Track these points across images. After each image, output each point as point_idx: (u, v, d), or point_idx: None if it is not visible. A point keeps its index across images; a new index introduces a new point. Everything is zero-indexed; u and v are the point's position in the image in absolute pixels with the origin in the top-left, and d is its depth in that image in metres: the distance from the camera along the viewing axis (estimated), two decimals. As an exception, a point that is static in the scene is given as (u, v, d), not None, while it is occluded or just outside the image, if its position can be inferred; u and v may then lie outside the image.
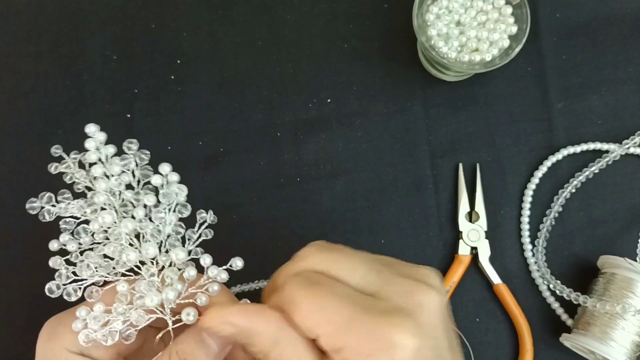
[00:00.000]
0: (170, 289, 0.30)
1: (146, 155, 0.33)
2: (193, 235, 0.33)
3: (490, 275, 0.49)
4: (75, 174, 0.32)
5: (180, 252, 0.31)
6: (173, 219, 0.32)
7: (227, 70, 0.52)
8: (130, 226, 0.31)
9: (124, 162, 0.32)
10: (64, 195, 0.32)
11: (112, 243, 0.31)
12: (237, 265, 0.32)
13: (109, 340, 0.30)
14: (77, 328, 0.30)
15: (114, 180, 0.31)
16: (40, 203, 0.32)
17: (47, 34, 0.53)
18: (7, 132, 0.51)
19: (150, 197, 0.32)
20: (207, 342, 0.30)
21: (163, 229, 0.32)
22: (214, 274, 0.31)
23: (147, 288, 0.30)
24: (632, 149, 0.49)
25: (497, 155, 0.51)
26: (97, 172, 0.31)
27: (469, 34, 0.46)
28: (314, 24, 0.53)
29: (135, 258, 0.30)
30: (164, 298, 0.30)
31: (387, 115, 0.51)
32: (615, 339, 0.43)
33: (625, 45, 0.52)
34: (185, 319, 0.30)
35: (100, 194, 0.31)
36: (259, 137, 0.51)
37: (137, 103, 0.52)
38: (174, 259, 0.31)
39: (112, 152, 0.32)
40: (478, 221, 0.49)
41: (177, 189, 0.32)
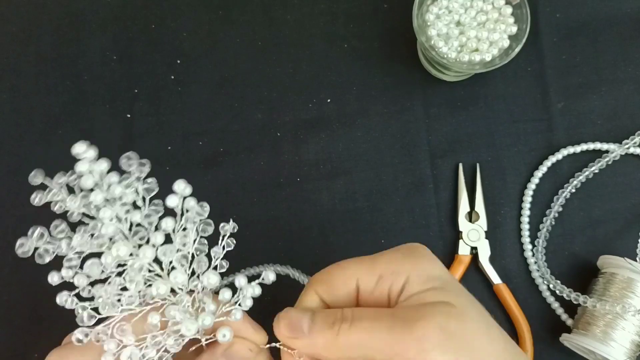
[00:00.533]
0: (207, 314, 0.29)
1: (147, 166, 0.29)
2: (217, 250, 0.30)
3: (490, 275, 0.49)
4: (68, 202, 0.28)
5: (213, 277, 0.29)
6: (195, 238, 0.30)
7: (227, 70, 0.52)
8: (151, 254, 0.28)
9: (126, 182, 0.28)
10: (59, 228, 0.27)
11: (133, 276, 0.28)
12: (269, 278, 0.30)
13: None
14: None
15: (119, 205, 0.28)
16: (33, 242, 0.27)
17: (47, 34, 0.53)
18: (7, 132, 0.51)
19: (169, 221, 0.29)
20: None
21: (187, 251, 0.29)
22: (249, 293, 0.30)
23: (181, 316, 0.28)
24: (632, 149, 0.49)
25: (497, 155, 0.51)
26: (97, 200, 0.27)
27: (469, 34, 0.46)
28: (314, 24, 0.53)
29: (167, 290, 0.28)
30: (201, 325, 0.29)
31: (387, 115, 0.51)
32: (615, 339, 0.43)
33: (625, 45, 0.52)
34: (220, 340, 0.29)
35: (107, 225, 0.27)
36: (259, 137, 0.51)
37: (137, 103, 0.52)
38: (206, 284, 0.29)
39: (106, 167, 0.28)
40: (478, 221, 0.49)
41: (200, 208, 0.30)
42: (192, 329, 0.28)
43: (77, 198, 0.27)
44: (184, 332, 0.28)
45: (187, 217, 0.29)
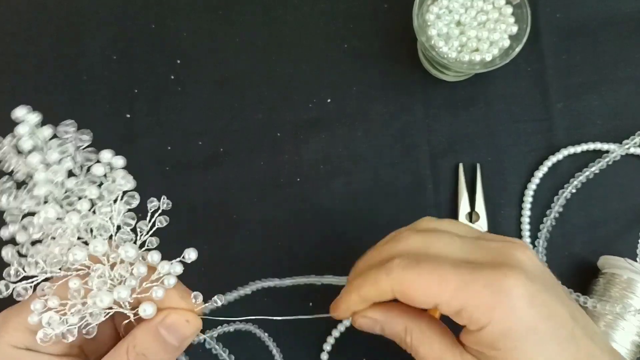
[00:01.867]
0: (123, 288, 0.29)
1: (88, 135, 0.30)
2: (144, 227, 0.31)
3: (491, 276, 0.48)
4: (13, 160, 0.29)
5: (130, 250, 0.29)
6: (122, 210, 0.30)
7: (227, 70, 0.52)
8: (76, 220, 0.29)
9: (62, 147, 0.29)
10: (6, 185, 0.29)
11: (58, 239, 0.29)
12: (191, 257, 0.31)
13: (69, 337, 0.29)
14: (33, 321, 0.29)
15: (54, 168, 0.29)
16: None
17: (47, 34, 0.53)
18: (7, 132, 0.51)
19: (93, 189, 0.29)
20: (166, 337, 0.30)
21: (111, 222, 0.30)
22: (165, 269, 0.30)
23: (99, 286, 0.29)
24: (632, 149, 0.49)
25: (497, 155, 0.51)
26: (34, 161, 0.28)
27: (469, 34, 0.46)
28: (314, 24, 0.53)
29: (83, 257, 0.29)
30: (116, 297, 0.29)
31: (387, 115, 0.51)
32: (615, 339, 0.43)
33: (625, 45, 0.52)
34: (142, 314, 0.29)
35: (40, 186, 0.28)
36: (259, 137, 0.51)
37: (137, 103, 0.52)
38: (123, 256, 0.29)
39: (48, 134, 0.29)
40: (478, 221, 0.49)
41: (122, 180, 0.30)
42: (105, 300, 0.28)
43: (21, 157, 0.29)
44: (97, 302, 0.28)
45: (107, 186, 0.30)
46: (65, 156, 0.29)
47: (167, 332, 0.30)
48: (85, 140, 0.30)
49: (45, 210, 0.28)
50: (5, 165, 0.29)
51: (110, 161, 0.30)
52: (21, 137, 0.29)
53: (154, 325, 0.30)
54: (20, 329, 0.30)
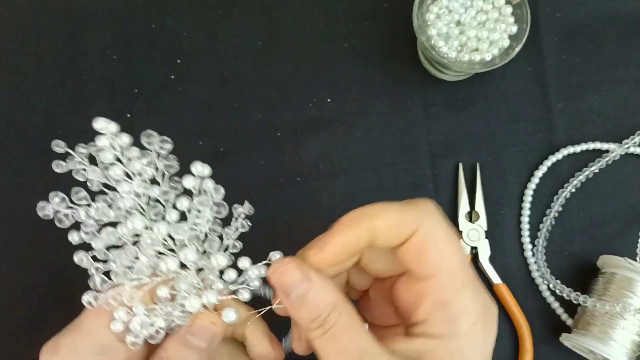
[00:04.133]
0: (211, 292, 0.29)
1: (170, 143, 0.30)
2: (229, 231, 0.31)
3: (490, 275, 0.49)
4: (89, 172, 0.29)
5: (222, 258, 0.30)
6: (209, 218, 0.30)
7: (227, 70, 0.52)
8: (165, 230, 0.29)
9: (146, 159, 0.29)
10: (79, 195, 0.29)
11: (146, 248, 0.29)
12: (276, 257, 0.31)
13: (156, 341, 0.29)
14: (117, 330, 0.29)
15: (138, 180, 0.29)
16: (54, 206, 0.28)
17: (47, 34, 0.53)
18: (7, 131, 0.51)
19: (183, 200, 0.29)
20: (194, 342, 0.30)
21: (199, 229, 0.30)
22: (254, 275, 0.31)
23: (187, 290, 0.29)
24: (632, 148, 0.49)
25: (497, 155, 0.51)
26: (117, 174, 0.29)
27: (469, 34, 0.46)
28: (314, 24, 0.53)
29: (176, 267, 0.29)
30: (205, 302, 0.29)
31: (387, 115, 0.51)
32: (615, 338, 0.43)
33: (625, 45, 0.52)
34: (225, 319, 0.30)
35: (125, 199, 0.28)
36: (259, 137, 0.51)
37: (137, 103, 0.52)
38: (215, 265, 0.30)
39: (127, 142, 0.29)
40: (478, 221, 0.49)
41: (214, 190, 0.30)
42: (195, 305, 0.29)
43: (97, 169, 0.29)
44: (188, 307, 0.29)
45: (201, 200, 0.30)
46: (148, 165, 0.29)
47: (194, 337, 0.30)
48: (166, 148, 0.30)
49: (132, 221, 0.28)
50: (78, 175, 0.29)
51: (201, 172, 0.30)
52: (102, 149, 0.29)
53: (182, 334, 0.30)
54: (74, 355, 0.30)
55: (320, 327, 0.27)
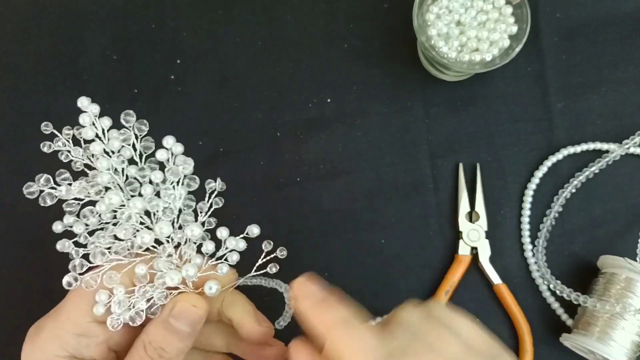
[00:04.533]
0: (190, 266, 0.30)
1: (145, 126, 0.31)
2: (204, 207, 0.32)
3: (490, 275, 0.49)
4: (72, 151, 0.30)
5: (196, 229, 0.30)
6: (183, 193, 0.31)
7: (227, 70, 0.52)
8: (140, 205, 0.30)
9: (124, 136, 0.31)
10: (62, 176, 0.30)
11: (123, 225, 0.30)
12: (254, 232, 0.32)
13: (138, 321, 0.30)
14: (99, 312, 0.30)
15: (116, 157, 0.30)
16: (39, 186, 0.30)
17: (47, 34, 0.53)
18: (7, 132, 0.51)
19: (157, 173, 0.31)
20: (177, 326, 0.30)
21: (174, 204, 0.31)
22: (232, 245, 0.31)
23: (166, 267, 0.30)
24: (632, 149, 0.49)
25: (497, 155, 0.51)
26: (96, 150, 0.30)
27: (469, 34, 0.46)
28: (314, 24, 0.53)
29: (151, 239, 0.30)
30: (184, 275, 0.30)
31: (387, 115, 0.51)
32: (615, 339, 0.43)
33: (625, 45, 0.52)
34: (207, 292, 0.30)
35: (103, 174, 0.30)
36: (259, 137, 0.51)
37: (137, 103, 0.52)
38: (189, 235, 0.30)
39: (108, 125, 0.31)
40: (478, 221, 0.49)
41: (183, 163, 0.31)
42: (175, 279, 0.29)
43: (79, 149, 0.30)
44: (167, 282, 0.29)
45: (172, 171, 0.31)
46: (126, 144, 0.30)
47: (176, 321, 0.30)
48: (143, 130, 0.31)
49: (109, 196, 0.29)
50: (63, 156, 0.31)
51: (172, 147, 0.31)
52: (83, 127, 0.30)
53: (164, 318, 0.30)
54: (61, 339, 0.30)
55: None
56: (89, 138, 0.30)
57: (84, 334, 0.31)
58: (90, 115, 0.31)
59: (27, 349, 0.31)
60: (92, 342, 0.31)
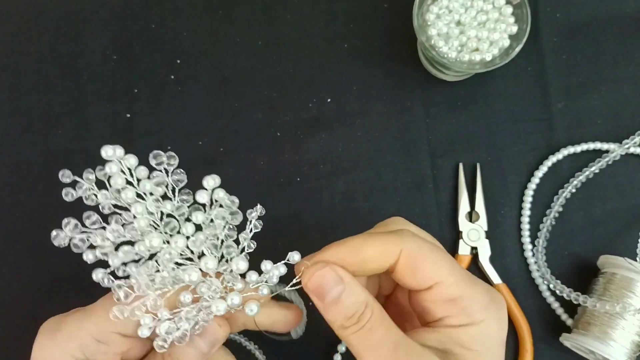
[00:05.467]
0: (235, 295, 0.30)
1: (175, 159, 0.31)
2: (245, 235, 0.32)
3: (490, 275, 0.49)
4: (100, 197, 0.30)
5: (242, 263, 0.31)
6: (223, 225, 0.31)
7: (227, 70, 0.52)
8: (182, 244, 0.30)
9: (156, 180, 0.30)
10: (91, 219, 0.29)
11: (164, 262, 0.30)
12: (294, 259, 0.31)
13: (184, 342, 0.30)
14: (143, 335, 0.30)
15: (150, 199, 0.30)
16: (68, 233, 0.29)
17: (47, 34, 0.53)
18: (7, 132, 0.51)
19: (199, 214, 0.30)
20: (198, 344, 0.31)
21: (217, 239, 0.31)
22: (275, 273, 0.31)
23: (210, 294, 0.30)
24: (632, 148, 0.49)
25: (497, 155, 0.51)
26: (129, 197, 0.29)
27: (469, 34, 0.46)
28: (314, 24, 0.53)
29: (198, 277, 0.30)
30: (229, 304, 0.30)
31: (387, 115, 0.51)
32: (615, 338, 0.43)
33: (625, 45, 0.52)
34: (249, 313, 0.30)
35: (140, 219, 0.29)
36: (259, 137, 0.51)
37: (137, 103, 0.52)
38: (235, 269, 0.31)
39: (135, 163, 0.30)
40: (478, 221, 0.49)
41: (229, 202, 0.31)
42: (221, 308, 0.30)
43: (108, 193, 0.29)
44: (214, 311, 0.30)
45: (216, 213, 0.31)
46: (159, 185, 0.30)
47: (199, 337, 0.31)
48: (172, 164, 0.31)
49: (150, 239, 0.29)
50: (88, 200, 0.30)
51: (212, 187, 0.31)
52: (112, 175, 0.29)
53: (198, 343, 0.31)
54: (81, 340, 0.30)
55: (355, 324, 0.29)
56: (119, 186, 0.29)
57: (105, 342, 0.31)
58: (117, 163, 0.29)
59: (45, 343, 0.31)
60: (110, 350, 0.31)
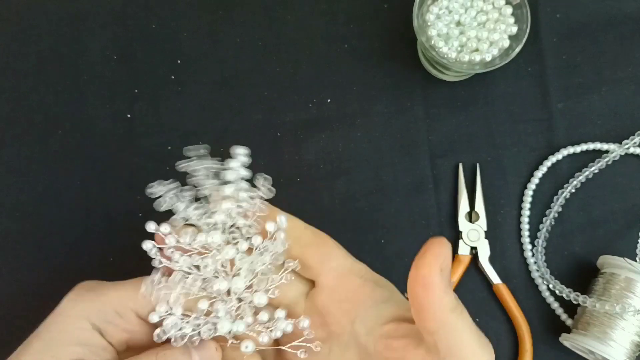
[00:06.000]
0: (242, 323, 0.32)
1: (272, 193, 0.33)
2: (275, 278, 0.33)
3: (490, 275, 0.49)
4: (206, 182, 0.32)
5: (264, 298, 0.32)
6: (267, 261, 0.33)
7: (227, 70, 0.52)
8: (231, 254, 0.32)
9: (251, 194, 0.33)
10: (186, 192, 0.32)
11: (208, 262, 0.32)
12: (304, 325, 0.33)
13: (179, 343, 0.31)
14: (153, 320, 0.31)
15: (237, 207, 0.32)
16: (164, 191, 0.31)
17: (47, 34, 0.53)
18: (7, 132, 0.51)
19: (258, 238, 0.33)
20: (193, 357, 0.32)
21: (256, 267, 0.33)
22: (282, 327, 0.32)
23: (222, 313, 0.32)
24: (632, 149, 0.49)
25: (497, 155, 0.51)
26: (227, 192, 0.32)
27: (469, 34, 0.46)
28: (314, 24, 0.53)
29: (225, 288, 0.32)
30: (233, 329, 0.32)
31: (387, 115, 0.51)
32: (614, 339, 0.43)
33: (625, 45, 0.52)
34: (243, 349, 0.32)
35: (220, 213, 0.32)
36: (259, 137, 0.51)
37: (137, 103, 0.52)
38: (255, 302, 0.32)
39: (246, 175, 0.33)
40: (478, 221, 0.49)
41: (282, 244, 0.33)
42: (225, 328, 0.31)
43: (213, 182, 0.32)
44: (218, 327, 0.31)
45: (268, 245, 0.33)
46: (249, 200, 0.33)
47: (195, 352, 0.32)
48: (267, 196, 0.33)
49: (213, 234, 0.31)
50: (193, 180, 0.32)
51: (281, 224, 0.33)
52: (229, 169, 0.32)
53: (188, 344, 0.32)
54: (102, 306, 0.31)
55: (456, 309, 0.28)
56: (228, 179, 0.32)
57: (122, 316, 0.31)
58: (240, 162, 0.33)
59: (72, 298, 0.32)
60: (121, 325, 0.32)
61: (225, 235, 0.32)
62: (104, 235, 0.50)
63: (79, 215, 0.50)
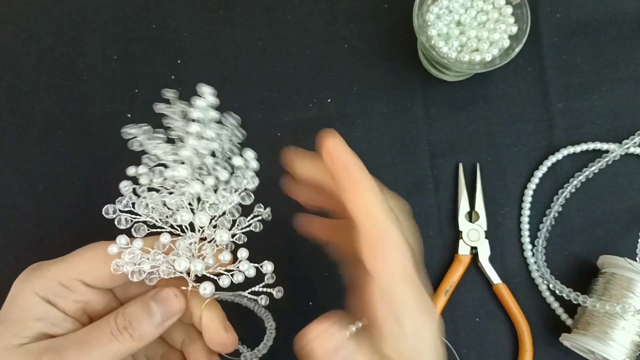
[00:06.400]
0: (200, 262, 0.32)
1: (242, 134, 0.34)
2: (243, 222, 0.34)
3: (490, 275, 0.49)
4: (176, 121, 0.33)
5: (225, 235, 0.32)
6: (234, 200, 0.33)
7: (227, 70, 0.52)
8: (197, 189, 0.32)
9: (220, 131, 0.33)
10: (158, 135, 0.33)
11: (176, 196, 0.32)
12: (267, 269, 0.33)
13: (135, 277, 0.31)
14: (112, 252, 0.31)
15: (204, 142, 0.32)
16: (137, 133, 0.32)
17: (47, 34, 0.53)
18: (7, 132, 0.51)
19: (225, 173, 0.33)
20: (154, 311, 0.32)
21: (222, 205, 0.33)
22: (244, 268, 0.32)
23: (183, 251, 0.32)
24: (632, 149, 0.49)
25: (497, 155, 0.51)
26: (192, 129, 0.32)
27: (469, 34, 0.46)
28: (314, 24, 0.53)
29: (187, 220, 0.32)
30: (191, 267, 0.32)
31: (387, 115, 0.51)
32: (615, 338, 0.43)
33: (625, 45, 0.52)
34: (201, 291, 0.32)
35: (186, 149, 0.32)
36: (259, 137, 0.51)
37: (137, 103, 0.52)
38: (217, 238, 0.32)
39: (214, 117, 0.33)
40: (478, 221, 0.49)
41: (251, 178, 0.34)
42: (182, 265, 0.32)
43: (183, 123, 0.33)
44: (175, 265, 0.31)
45: (237, 180, 0.34)
46: (217, 138, 0.33)
47: (155, 305, 0.32)
48: (238, 137, 0.34)
49: (179, 168, 0.32)
50: (166, 120, 0.33)
51: (249, 160, 0.34)
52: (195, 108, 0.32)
53: (146, 299, 0.32)
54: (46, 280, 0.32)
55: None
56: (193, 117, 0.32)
57: (68, 287, 0.32)
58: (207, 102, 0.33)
59: (19, 281, 0.32)
60: (71, 297, 0.32)
61: (192, 171, 0.33)
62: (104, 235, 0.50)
63: (79, 215, 0.50)
